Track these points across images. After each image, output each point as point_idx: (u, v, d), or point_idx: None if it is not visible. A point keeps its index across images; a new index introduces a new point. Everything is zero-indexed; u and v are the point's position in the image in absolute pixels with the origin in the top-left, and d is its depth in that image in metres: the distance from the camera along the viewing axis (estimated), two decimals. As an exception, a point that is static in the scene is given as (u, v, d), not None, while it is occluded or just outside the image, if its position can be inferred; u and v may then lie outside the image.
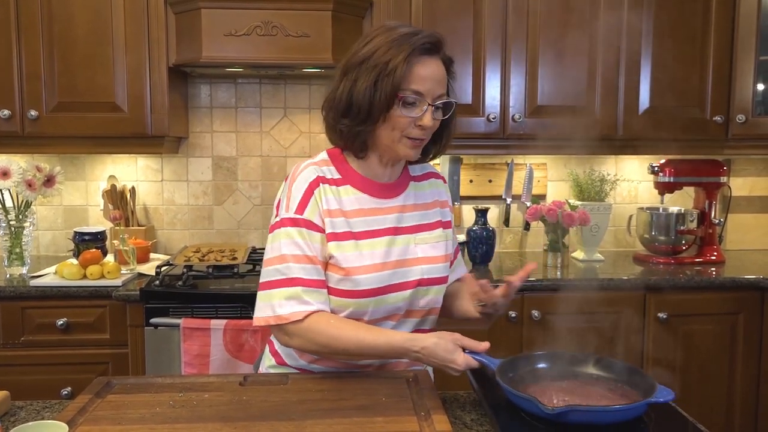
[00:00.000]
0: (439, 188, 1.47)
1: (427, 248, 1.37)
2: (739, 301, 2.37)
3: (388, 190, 1.36)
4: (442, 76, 1.28)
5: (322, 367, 1.33)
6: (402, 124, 1.25)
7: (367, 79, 1.23)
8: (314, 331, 1.22)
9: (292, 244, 1.25)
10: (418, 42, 1.24)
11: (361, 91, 1.24)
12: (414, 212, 1.38)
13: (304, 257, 1.25)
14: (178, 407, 1.12)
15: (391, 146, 1.29)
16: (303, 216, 1.26)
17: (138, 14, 2.38)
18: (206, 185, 2.84)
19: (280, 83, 2.81)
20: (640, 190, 2.95)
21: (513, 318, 2.27)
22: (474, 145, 2.56)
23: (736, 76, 2.54)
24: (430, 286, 1.35)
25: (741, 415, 2.39)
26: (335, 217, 1.28)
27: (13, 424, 1.12)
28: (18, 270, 2.38)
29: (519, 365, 1.26)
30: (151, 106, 2.42)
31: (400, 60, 1.22)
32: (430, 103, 1.26)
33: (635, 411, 1.10)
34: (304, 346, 1.25)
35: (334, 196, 1.30)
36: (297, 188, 1.28)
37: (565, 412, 1.05)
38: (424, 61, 1.25)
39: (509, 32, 2.48)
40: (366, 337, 1.22)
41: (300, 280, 1.24)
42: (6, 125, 2.39)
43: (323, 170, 1.31)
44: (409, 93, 1.24)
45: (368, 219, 1.32)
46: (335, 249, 1.27)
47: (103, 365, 2.23)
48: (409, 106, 1.25)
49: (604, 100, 2.53)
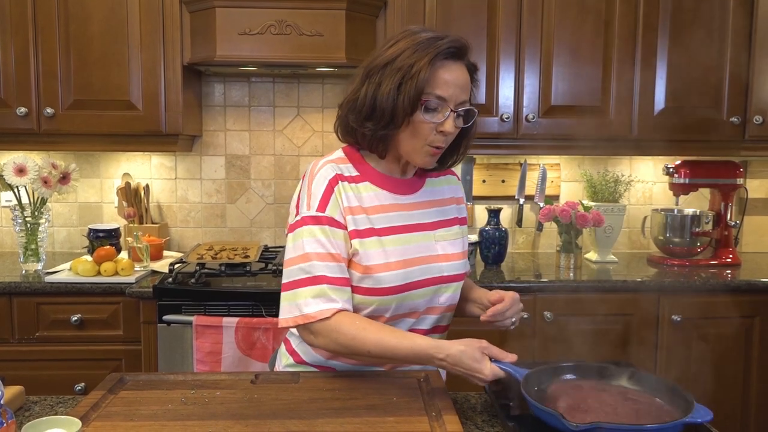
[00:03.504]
0: (454, 185, 1.47)
1: (447, 245, 1.36)
2: (754, 305, 2.34)
3: (405, 186, 1.36)
4: (466, 82, 1.26)
5: (340, 363, 1.32)
6: (424, 130, 1.24)
7: (391, 82, 1.22)
8: (339, 331, 1.20)
9: (314, 243, 1.24)
10: (443, 46, 1.22)
11: (385, 94, 1.22)
12: (432, 208, 1.38)
13: (327, 255, 1.23)
14: (189, 404, 1.12)
15: (411, 153, 1.28)
16: (325, 213, 1.25)
17: (153, 13, 2.40)
18: (219, 183, 2.85)
19: (293, 82, 2.82)
20: (654, 192, 2.92)
21: (525, 319, 2.26)
22: (487, 145, 2.55)
23: (753, 77, 2.51)
24: (450, 283, 1.35)
25: (756, 420, 2.37)
26: (357, 214, 1.27)
27: (27, 418, 1.14)
28: (33, 266, 2.40)
29: (545, 376, 1.21)
30: (166, 104, 2.44)
31: (424, 63, 1.20)
32: (452, 109, 1.24)
33: (669, 431, 1.01)
34: (328, 345, 1.22)
35: (354, 193, 1.29)
36: (317, 186, 1.27)
37: (591, 429, 0.99)
38: (448, 66, 1.23)
39: (523, 32, 2.47)
40: (390, 340, 1.19)
41: (325, 278, 1.22)
42: (23, 122, 2.41)
43: (341, 168, 1.30)
44: (433, 98, 1.22)
45: (390, 215, 1.31)
46: (359, 246, 1.26)
47: (116, 361, 2.25)
48: (431, 112, 1.23)
49: (619, 100, 2.51)
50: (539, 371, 1.20)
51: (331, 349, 1.23)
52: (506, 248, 2.56)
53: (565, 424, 1.00)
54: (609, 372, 1.22)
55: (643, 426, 1.04)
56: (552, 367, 1.24)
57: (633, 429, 1.03)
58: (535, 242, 2.93)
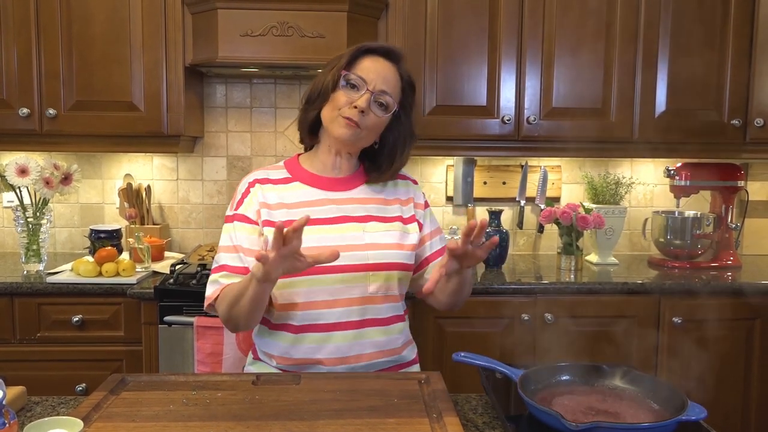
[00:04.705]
0: (404, 188, 1.51)
1: (378, 235, 1.40)
2: (755, 307, 2.33)
3: (339, 183, 1.45)
4: (390, 77, 1.39)
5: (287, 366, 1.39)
6: (340, 101, 1.36)
7: (327, 70, 1.41)
8: (221, 301, 1.35)
9: (226, 237, 1.42)
10: (373, 44, 1.42)
11: (320, 80, 1.40)
12: (369, 204, 1.44)
13: (231, 247, 1.40)
14: (191, 405, 1.12)
15: (329, 126, 1.39)
16: (238, 212, 1.42)
17: (155, 14, 2.40)
18: (221, 184, 2.86)
19: (294, 83, 2.82)
20: (655, 194, 2.92)
21: (526, 320, 2.26)
22: (488, 147, 2.55)
23: (754, 79, 2.51)
24: (379, 271, 1.38)
25: (757, 423, 2.36)
26: (275, 209, 1.40)
27: (29, 419, 1.14)
28: (35, 267, 2.40)
29: (542, 377, 1.21)
30: (168, 105, 2.44)
31: (352, 50, 1.39)
32: (370, 90, 1.36)
33: (665, 429, 1.03)
34: (224, 315, 1.35)
35: (278, 192, 1.42)
36: (239, 190, 1.45)
37: (590, 429, 1.00)
38: (375, 58, 1.40)
39: (525, 34, 2.47)
40: (235, 286, 1.31)
41: (226, 267, 1.38)
42: (25, 123, 2.42)
43: (269, 173, 1.46)
44: (353, 75, 1.37)
45: (315, 209, 1.39)
46: (269, 233, 1.34)
47: (118, 362, 2.25)
48: (351, 88, 1.37)
49: (620, 102, 2.51)
50: (535, 371, 1.21)
51: (224, 317, 1.36)
52: (507, 250, 2.56)
53: (564, 425, 1.00)
54: (604, 372, 1.23)
55: (640, 425, 1.05)
56: (547, 368, 1.24)
57: (631, 428, 1.04)
58: (536, 244, 2.93)
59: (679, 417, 1.03)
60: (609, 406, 1.14)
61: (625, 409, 1.13)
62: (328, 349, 1.36)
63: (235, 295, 1.30)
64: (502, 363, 1.17)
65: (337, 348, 1.36)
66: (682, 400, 1.08)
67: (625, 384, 1.20)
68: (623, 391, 1.19)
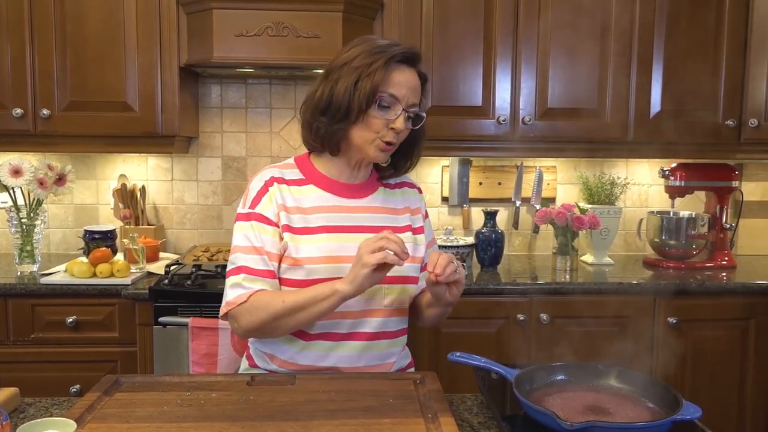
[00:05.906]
0: (413, 196, 1.51)
1: None
2: (750, 307, 2.34)
3: (354, 190, 1.41)
4: (417, 86, 1.35)
5: (288, 370, 1.36)
6: (377, 125, 1.31)
7: (348, 79, 1.30)
8: (254, 305, 1.27)
9: (242, 237, 1.34)
10: (398, 51, 1.32)
11: (342, 90, 1.30)
12: (381, 214, 1.42)
13: (251, 248, 1.32)
14: (185, 406, 1.12)
15: (363, 147, 1.34)
16: (255, 210, 1.34)
17: (150, 14, 2.39)
18: (216, 185, 2.85)
19: (290, 84, 2.82)
20: (650, 194, 2.93)
21: (521, 320, 2.26)
22: (483, 147, 2.55)
23: (748, 80, 2.52)
24: (393, 284, 1.37)
25: (752, 423, 2.37)
26: (292, 213, 1.35)
27: (22, 420, 1.13)
28: (29, 268, 2.39)
29: (537, 377, 1.21)
30: (162, 105, 2.44)
31: (380, 63, 1.29)
32: (404, 108, 1.31)
33: (659, 429, 1.03)
34: (251, 323, 1.28)
35: (292, 194, 1.37)
36: (253, 187, 1.38)
37: (586, 428, 0.99)
38: (402, 69, 1.32)
39: (520, 34, 2.47)
40: (291, 296, 1.26)
41: (245, 269, 1.31)
42: (18, 123, 2.41)
43: (283, 172, 1.39)
44: (386, 95, 1.30)
45: (330, 215, 1.37)
46: (289, 239, 1.32)
47: (112, 363, 2.24)
48: (384, 109, 1.31)
49: (615, 103, 2.51)
50: (530, 371, 1.22)
51: (254, 326, 1.28)
52: (503, 250, 2.56)
53: (559, 424, 1.00)
54: (599, 371, 1.23)
55: (635, 424, 1.06)
56: (543, 368, 1.24)
57: (626, 427, 1.04)
58: (532, 244, 2.93)
59: (674, 416, 1.03)
60: (604, 406, 1.14)
61: (620, 408, 1.13)
62: (335, 357, 1.35)
63: (291, 306, 1.25)
64: (498, 363, 1.17)
65: (343, 357, 1.35)
66: (677, 399, 1.08)
67: (620, 383, 1.20)
68: (618, 390, 1.19)
